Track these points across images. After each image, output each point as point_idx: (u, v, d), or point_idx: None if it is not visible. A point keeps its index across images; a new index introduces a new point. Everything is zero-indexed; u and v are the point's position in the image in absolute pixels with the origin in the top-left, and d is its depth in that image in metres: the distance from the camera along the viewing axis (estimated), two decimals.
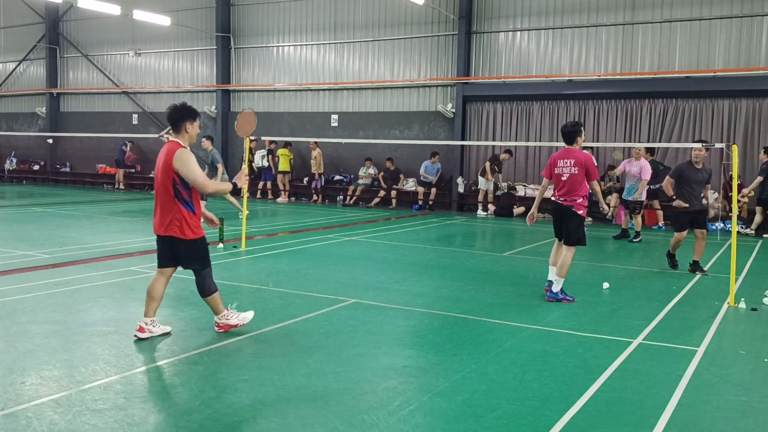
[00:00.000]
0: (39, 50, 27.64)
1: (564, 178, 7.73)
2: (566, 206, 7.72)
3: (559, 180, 7.80)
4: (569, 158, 7.70)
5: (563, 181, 7.74)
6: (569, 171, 7.69)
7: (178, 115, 5.81)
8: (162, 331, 5.99)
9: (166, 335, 5.97)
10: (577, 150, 7.75)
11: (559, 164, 7.77)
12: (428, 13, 19.59)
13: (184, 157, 5.61)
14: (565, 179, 7.71)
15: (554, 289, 7.72)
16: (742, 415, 4.47)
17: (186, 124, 5.82)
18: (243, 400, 4.47)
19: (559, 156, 7.82)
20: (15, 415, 4.14)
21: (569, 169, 7.68)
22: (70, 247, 10.68)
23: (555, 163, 7.84)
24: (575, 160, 7.66)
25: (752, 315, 7.28)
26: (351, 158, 21.19)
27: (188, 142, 5.84)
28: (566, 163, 7.71)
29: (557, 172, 7.80)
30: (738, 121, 16.17)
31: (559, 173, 7.78)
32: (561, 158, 7.77)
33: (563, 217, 7.81)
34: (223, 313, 6.06)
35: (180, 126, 5.81)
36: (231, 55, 23.25)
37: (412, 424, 4.16)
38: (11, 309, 6.72)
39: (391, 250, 11.50)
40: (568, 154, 7.74)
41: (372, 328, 6.37)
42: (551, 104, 18.24)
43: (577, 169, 7.63)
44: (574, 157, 7.67)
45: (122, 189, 24.48)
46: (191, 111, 5.88)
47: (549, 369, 5.27)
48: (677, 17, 16.59)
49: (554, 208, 7.94)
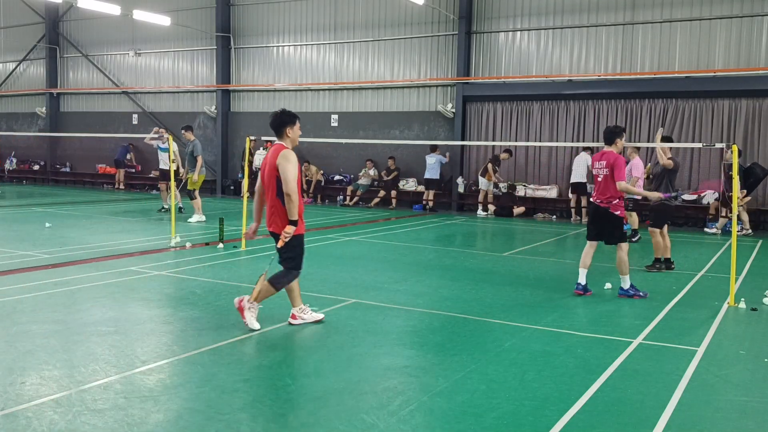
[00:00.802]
0: (39, 50, 27.64)
1: (599, 179, 7.94)
2: (603, 207, 7.89)
3: (596, 182, 8.03)
4: (603, 160, 7.89)
5: (599, 182, 7.96)
6: (603, 173, 7.88)
7: (279, 121, 6.17)
8: (314, 318, 6.41)
9: (319, 322, 6.39)
10: (611, 152, 7.87)
11: (596, 166, 7.99)
12: (428, 13, 19.59)
13: (288, 156, 5.99)
14: (600, 180, 7.92)
15: (624, 286, 7.94)
16: (742, 415, 4.47)
17: (287, 129, 6.17)
18: (243, 400, 4.47)
19: (596, 158, 8.05)
20: (15, 415, 4.14)
21: (603, 170, 7.88)
22: (70, 247, 10.68)
23: (592, 164, 8.12)
24: (607, 161, 7.83)
25: (752, 315, 7.28)
26: (351, 158, 21.20)
27: (291, 144, 6.20)
28: (601, 165, 7.91)
29: (594, 173, 8.03)
30: (738, 121, 16.16)
31: (595, 174, 8.00)
32: (597, 160, 7.99)
33: (601, 219, 7.95)
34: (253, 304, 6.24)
35: (282, 131, 6.17)
36: (231, 55, 23.25)
37: (412, 424, 4.16)
38: (11, 309, 6.72)
39: (391, 250, 11.50)
40: (603, 155, 7.92)
41: (372, 328, 6.37)
42: (551, 104, 18.23)
43: (608, 171, 7.82)
44: (607, 159, 7.85)
45: (122, 189, 24.49)
46: (290, 116, 6.22)
47: (549, 369, 5.26)
48: (677, 17, 16.59)
49: (592, 210, 8.14)
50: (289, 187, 5.91)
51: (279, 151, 6.06)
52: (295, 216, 5.99)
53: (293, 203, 5.95)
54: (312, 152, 21.25)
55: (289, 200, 5.95)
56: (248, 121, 23.01)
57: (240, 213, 11.85)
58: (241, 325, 6.30)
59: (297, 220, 6.01)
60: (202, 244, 11.27)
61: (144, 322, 6.44)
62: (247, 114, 23.29)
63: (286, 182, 5.91)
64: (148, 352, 5.48)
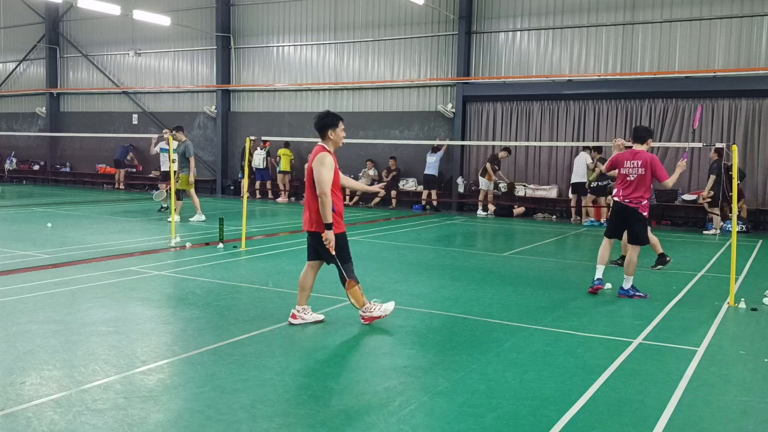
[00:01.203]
0: (39, 50, 27.64)
1: (631, 178, 7.78)
2: (632, 208, 7.78)
3: (625, 181, 7.85)
4: (637, 159, 7.75)
5: (630, 181, 7.79)
6: (636, 172, 7.74)
7: (322, 123, 6.32)
8: (314, 319, 6.41)
9: (319, 322, 6.39)
10: (644, 151, 7.81)
11: (626, 165, 7.82)
12: (428, 13, 19.59)
13: (323, 159, 6.10)
14: (632, 180, 7.77)
15: (625, 286, 7.92)
16: (742, 415, 4.47)
17: (329, 131, 6.30)
18: (243, 400, 4.47)
19: (627, 157, 7.85)
20: (15, 415, 4.14)
21: (636, 170, 7.74)
22: (70, 247, 10.68)
23: (621, 163, 7.90)
24: (642, 161, 7.71)
25: (752, 315, 7.28)
26: (351, 158, 21.18)
27: (333, 146, 6.33)
28: (634, 164, 7.76)
29: (623, 172, 7.85)
30: (738, 121, 16.16)
31: (625, 173, 7.83)
32: (629, 159, 7.81)
33: (627, 218, 7.87)
34: (366, 305, 6.31)
35: (324, 133, 6.31)
36: (231, 55, 23.25)
37: (412, 424, 4.16)
38: (11, 309, 6.72)
39: (391, 250, 11.50)
40: (636, 155, 7.79)
41: (372, 328, 6.37)
42: (551, 104, 18.23)
43: (644, 170, 7.70)
44: (642, 158, 7.72)
45: (122, 189, 24.48)
46: (334, 117, 6.38)
47: (549, 369, 5.26)
48: (677, 17, 16.59)
49: (618, 209, 7.96)
50: (320, 189, 6.01)
51: (317, 153, 6.20)
52: (328, 219, 6.06)
53: (325, 206, 6.04)
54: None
55: (321, 202, 6.04)
56: (248, 121, 23.01)
57: (240, 213, 11.84)
58: (241, 325, 6.31)
59: (331, 223, 6.08)
60: (202, 244, 11.27)
61: (144, 322, 6.44)
62: (247, 114, 23.30)
63: (318, 184, 6.04)
64: (148, 352, 5.48)
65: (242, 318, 6.66)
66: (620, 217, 7.95)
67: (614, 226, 8.09)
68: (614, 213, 8.09)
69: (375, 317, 6.39)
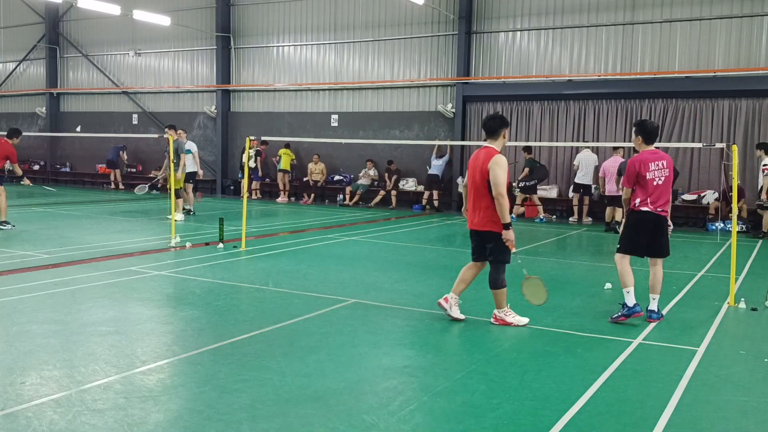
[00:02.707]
0: (39, 50, 27.64)
1: (658, 182, 6.59)
2: (663, 217, 6.69)
3: (651, 186, 6.58)
4: (662, 159, 6.62)
5: (657, 186, 6.59)
6: (664, 174, 6.62)
7: (498, 123, 6.44)
8: (456, 316, 6.60)
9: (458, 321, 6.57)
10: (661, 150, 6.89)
11: (652, 168, 6.56)
12: (428, 13, 19.59)
13: (499, 161, 6.25)
14: (660, 184, 6.60)
15: (655, 307, 6.83)
16: (742, 415, 4.47)
17: (504, 131, 6.46)
18: (243, 400, 4.47)
19: (649, 159, 6.60)
20: (15, 415, 4.14)
21: (662, 171, 6.61)
22: (70, 247, 10.68)
23: (645, 167, 6.57)
24: (667, 161, 6.65)
25: (752, 315, 7.28)
26: (351, 158, 21.20)
27: (500, 147, 6.46)
28: (660, 166, 6.60)
29: (649, 177, 6.55)
30: (738, 121, 16.16)
31: (651, 178, 6.56)
32: (653, 161, 6.58)
33: (660, 231, 6.71)
34: (504, 308, 6.46)
35: (498, 133, 6.43)
36: (231, 55, 23.25)
37: (412, 424, 4.16)
38: (11, 309, 6.72)
39: (391, 250, 11.50)
40: (658, 155, 6.65)
41: (372, 328, 6.37)
42: (551, 104, 18.23)
43: (668, 171, 6.65)
44: (665, 158, 6.66)
45: (122, 189, 24.46)
46: (505, 119, 6.58)
47: (549, 369, 5.26)
48: (677, 17, 16.59)
49: (648, 220, 6.65)
50: (498, 191, 6.16)
51: (491, 155, 6.26)
52: (507, 219, 6.25)
53: (503, 206, 6.20)
54: (312, 152, 21.24)
55: (499, 203, 6.19)
56: (248, 121, 23.01)
57: (240, 213, 11.84)
58: (241, 325, 6.31)
59: (509, 222, 6.28)
60: (202, 244, 11.27)
61: (144, 322, 6.44)
62: (247, 114, 23.29)
63: (496, 185, 6.16)
64: (148, 352, 5.48)
65: (242, 318, 6.66)
66: (654, 230, 6.68)
67: (644, 240, 6.71)
68: (646, 227, 6.66)
69: (507, 322, 6.51)
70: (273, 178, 21.99)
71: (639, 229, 6.74)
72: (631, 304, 6.63)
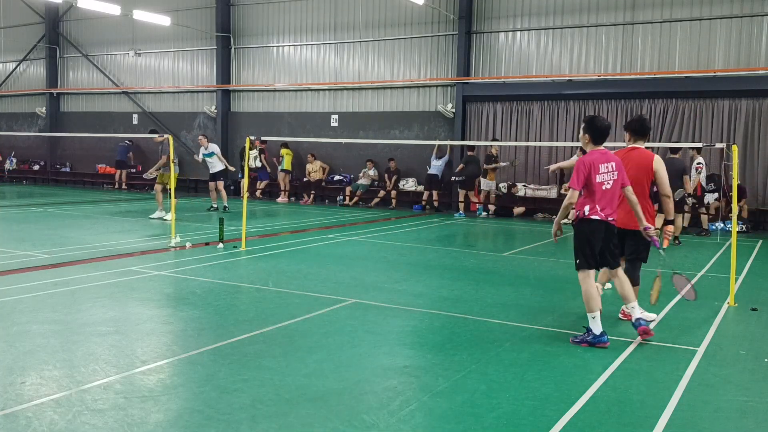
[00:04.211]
0: (39, 50, 27.63)
1: (607, 186, 6.10)
2: (613, 225, 6.21)
3: (600, 190, 6.06)
4: (611, 161, 6.12)
5: (606, 191, 6.10)
6: (612, 177, 6.12)
7: (648, 125, 6.85)
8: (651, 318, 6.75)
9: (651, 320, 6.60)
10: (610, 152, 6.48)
11: (601, 170, 6.03)
12: (428, 13, 19.59)
13: (662, 162, 6.64)
14: (609, 188, 6.11)
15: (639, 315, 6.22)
16: (742, 415, 4.47)
17: (650, 134, 6.87)
18: (243, 400, 4.47)
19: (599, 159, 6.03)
20: (15, 415, 4.14)
21: (611, 175, 6.11)
22: (70, 247, 10.68)
23: (596, 169, 6.00)
24: (616, 163, 6.16)
25: (752, 315, 7.28)
26: (351, 158, 21.19)
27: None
28: (608, 168, 6.09)
29: (599, 180, 6.04)
30: (738, 121, 16.16)
31: (601, 182, 6.09)
32: (602, 162, 6.04)
33: (610, 239, 6.20)
34: (632, 303, 6.28)
35: (647, 135, 6.80)
36: (231, 55, 23.25)
37: (412, 424, 4.16)
38: (11, 309, 6.72)
39: (391, 250, 11.50)
40: (608, 156, 6.13)
41: (372, 328, 6.37)
42: (551, 104, 18.23)
43: (617, 174, 6.17)
44: (615, 160, 6.17)
45: (125, 189, 24.47)
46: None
47: (549, 369, 5.26)
48: (677, 17, 16.59)
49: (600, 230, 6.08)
50: (666, 191, 6.57)
51: (649, 155, 6.60)
52: (672, 215, 6.79)
53: (671, 204, 6.69)
54: (312, 152, 21.23)
55: (668, 201, 6.63)
56: (248, 121, 23.01)
57: (240, 213, 11.84)
58: (241, 325, 6.31)
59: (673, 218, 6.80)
60: (202, 244, 11.27)
61: (144, 322, 6.44)
62: (247, 114, 23.29)
63: (664, 185, 6.55)
64: (148, 352, 5.48)
65: (242, 318, 6.66)
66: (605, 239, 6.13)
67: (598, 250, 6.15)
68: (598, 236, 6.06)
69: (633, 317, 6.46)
70: (273, 178, 22.00)
71: (593, 239, 6.06)
72: (597, 332, 5.86)
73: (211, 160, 17.06)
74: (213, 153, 16.94)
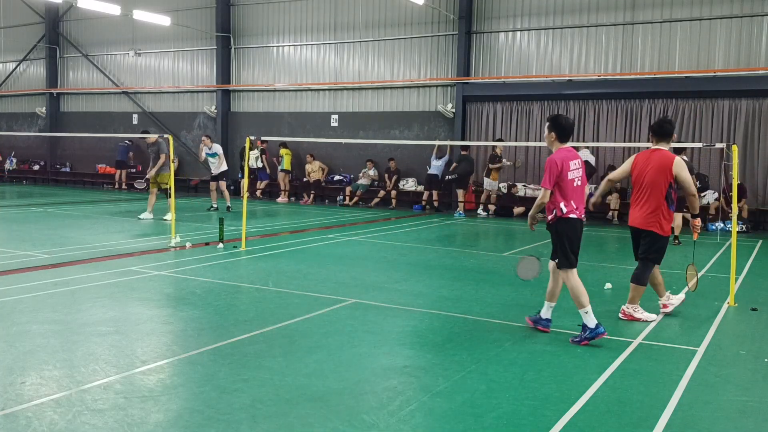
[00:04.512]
0: (39, 50, 27.64)
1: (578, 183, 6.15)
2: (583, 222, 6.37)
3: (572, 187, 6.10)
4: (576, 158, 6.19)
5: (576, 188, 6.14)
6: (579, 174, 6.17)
7: (672, 128, 6.88)
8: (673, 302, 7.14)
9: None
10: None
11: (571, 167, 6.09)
12: (428, 13, 19.59)
13: (683, 165, 6.67)
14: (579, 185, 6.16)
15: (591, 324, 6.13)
16: (742, 415, 4.47)
17: (674, 136, 6.91)
18: (243, 400, 4.47)
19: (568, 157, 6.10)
20: (15, 415, 4.14)
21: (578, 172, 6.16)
22: (70, 247, 10.68)
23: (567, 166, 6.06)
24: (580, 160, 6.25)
25: (752, 315, 7.28)
26: (351, 158, 21.19)
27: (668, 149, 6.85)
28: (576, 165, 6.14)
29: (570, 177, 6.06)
30: (738, 121, 16.17)
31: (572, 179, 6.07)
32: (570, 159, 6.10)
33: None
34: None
35: (670, 137, 6.84)
36: (231, 55, 23.25)
37: (412, 424, 4.16)
38: (11, 309, 6.72)
39: (391, 250, 11.50)
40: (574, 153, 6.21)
41: (372, 328, 6.37)
42: (551, 104, 18.23)
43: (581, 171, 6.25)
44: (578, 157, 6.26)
45: (125, 189, 24.48)
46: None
47: (549, 369, 5.26)
48: (677, 17, 16.59)
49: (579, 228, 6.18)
50: (692, 190, 6.74)
51: (669, 157, 6.65)
52: (697, 210, 6.87)
53: (697, 202, 6.86)
54: (312, 152, 21.23)
55: (694, 200, 6.80)
56: (248, 121, 23.01)
57: (240, 213, 11.84)
58: (241, 325, 6.31)
59: (698, 213, 6.91)
60: (202, 244, 11.27)
61: (144, 322, 6.44)
62: (247, 114, 23.30)
63: (689, 186, 6.68)
64: (148, 352, 5.48)
65: (242, 318, 6.66)
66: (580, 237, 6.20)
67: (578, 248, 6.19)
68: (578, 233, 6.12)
69: (635, 318, 6.84)
70: (273, 178, 22.00)
71: (574, 237, 6.07)
72: (592, 326, 5.88)
73: (213, 160, 17.17)
74: (216, 153, 17.07)
